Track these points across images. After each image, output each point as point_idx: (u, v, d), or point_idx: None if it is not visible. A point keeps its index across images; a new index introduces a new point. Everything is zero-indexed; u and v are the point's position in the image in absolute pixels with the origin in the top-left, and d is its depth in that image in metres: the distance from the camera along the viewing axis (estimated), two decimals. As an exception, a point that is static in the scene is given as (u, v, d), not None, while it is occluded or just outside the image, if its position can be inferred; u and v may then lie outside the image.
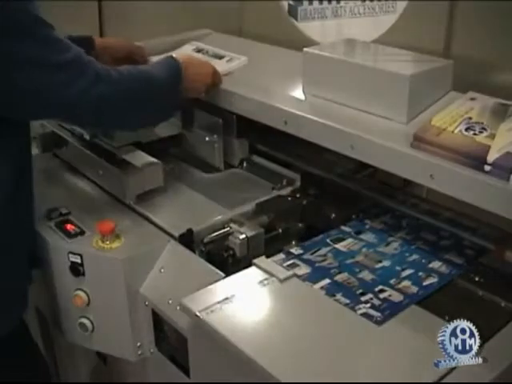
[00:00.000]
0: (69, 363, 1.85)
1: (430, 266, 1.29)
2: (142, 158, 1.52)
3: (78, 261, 1.32)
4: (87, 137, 1.64)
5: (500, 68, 1.50)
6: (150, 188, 1.52)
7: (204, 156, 1.73)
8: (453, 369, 1.00)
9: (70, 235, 1.37)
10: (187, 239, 1.37)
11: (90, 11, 2.02)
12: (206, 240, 1.37)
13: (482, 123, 1.22)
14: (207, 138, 1.69)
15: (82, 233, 1.38)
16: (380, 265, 1.29)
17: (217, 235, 1.38)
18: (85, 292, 1.34)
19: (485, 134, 1.19)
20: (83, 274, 1.33)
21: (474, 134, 1.20)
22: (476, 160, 1.14)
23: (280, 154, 1.72)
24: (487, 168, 1.13)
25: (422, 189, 1.52)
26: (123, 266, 1.30)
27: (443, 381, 0.99)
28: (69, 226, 1.40)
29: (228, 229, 1.39)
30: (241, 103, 1.54)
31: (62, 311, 1.41)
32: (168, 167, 1.68)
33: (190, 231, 1.37)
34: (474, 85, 1.39)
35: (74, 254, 1.33)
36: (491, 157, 1.13)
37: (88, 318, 1.36)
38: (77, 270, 1.33)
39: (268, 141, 1.71)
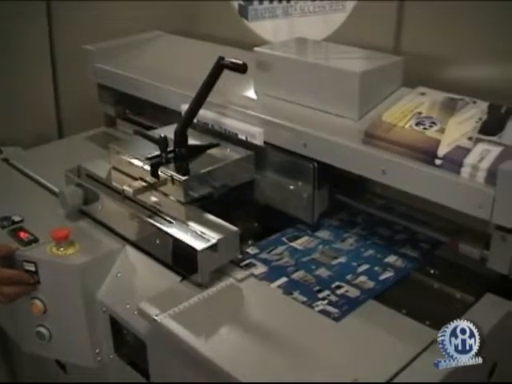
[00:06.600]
0: (28, 374, 1.82)
1: (386, 260, 1.30)
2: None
3: (33, 269, 1.30)
4: (129, 192, 1.32)
5: (449, 63, 1.52)
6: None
7: (287, 208, 1.44)
8: (408, 364, 1.01)
9: (23, 243, 1.35)
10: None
11: (37, 11, 1.99)
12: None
13: (432, 117, 1.24)
14: (292, 187, 1.41)
15: (35, 240, 1.36)
16: (336, 261, 1.30)
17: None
18: (41, 300, 1.32)
19: (435, 128, 1.21)
20: (38, 282, 1.31)
21: (424, 129, 1.21)
22: (427, 154, 1.16)
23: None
24: (438, 162, 1.14)
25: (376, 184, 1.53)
26: (79, 272, 1.28)
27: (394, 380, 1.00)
28: (22, 234, 1.38)
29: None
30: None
31: (18, 321, 1.39)
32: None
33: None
34: (424, 80, 1.40)
35: (29, 262, 1.30)
36: (441, 151, 1.15)
37: (45, 327, 1.34)
38: (32, 278, 1.31)
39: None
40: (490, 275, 1.19)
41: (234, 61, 1.33)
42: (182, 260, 1.23)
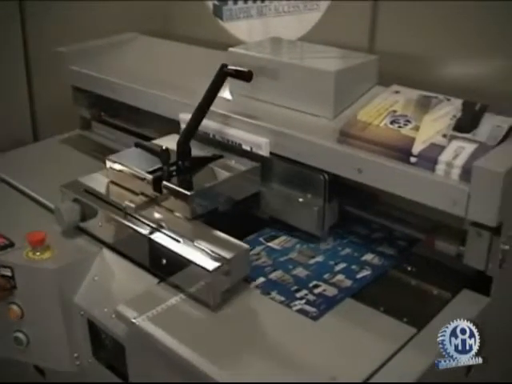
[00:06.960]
0: (6, 378, 1.80)
1: (363, 258, 1.30)
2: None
3: (9, 274, 1.29)
4: (131, 207, 1.30)
5: (423, 61, 1.53)
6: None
7: (295, 221, 1.37)
8: (386, 361, 1.02)
9: (-1, 248, 1.34)
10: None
11: (10, 11, 1.97)
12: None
13: (407, 116, 1.25)
14: (301, 200, 1.35)
15: (11, 245, 1.34)
16: (313, 260, 1.30)
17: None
18: (18, 305, 1.31)
19: (409, 126, 1.22)
20: (15, 287, 1.30)
21: (399, 127, 1.22)
22: (402, 152, 1.16)
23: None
24: (413, 160, 1.15)
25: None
26: (56, 276, 1.28)
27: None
28: (-3, 239, 1.37)
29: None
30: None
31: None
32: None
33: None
34: (398, 78, 1.41)
35: (5, 267, 1.29)
36: (416, 148, 1.15)
37: (22, 332, 1.33)
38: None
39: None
40: (467, 271, 1.19)
41: (238, 68, 1.30)
42: (191, 280, 1.16)
